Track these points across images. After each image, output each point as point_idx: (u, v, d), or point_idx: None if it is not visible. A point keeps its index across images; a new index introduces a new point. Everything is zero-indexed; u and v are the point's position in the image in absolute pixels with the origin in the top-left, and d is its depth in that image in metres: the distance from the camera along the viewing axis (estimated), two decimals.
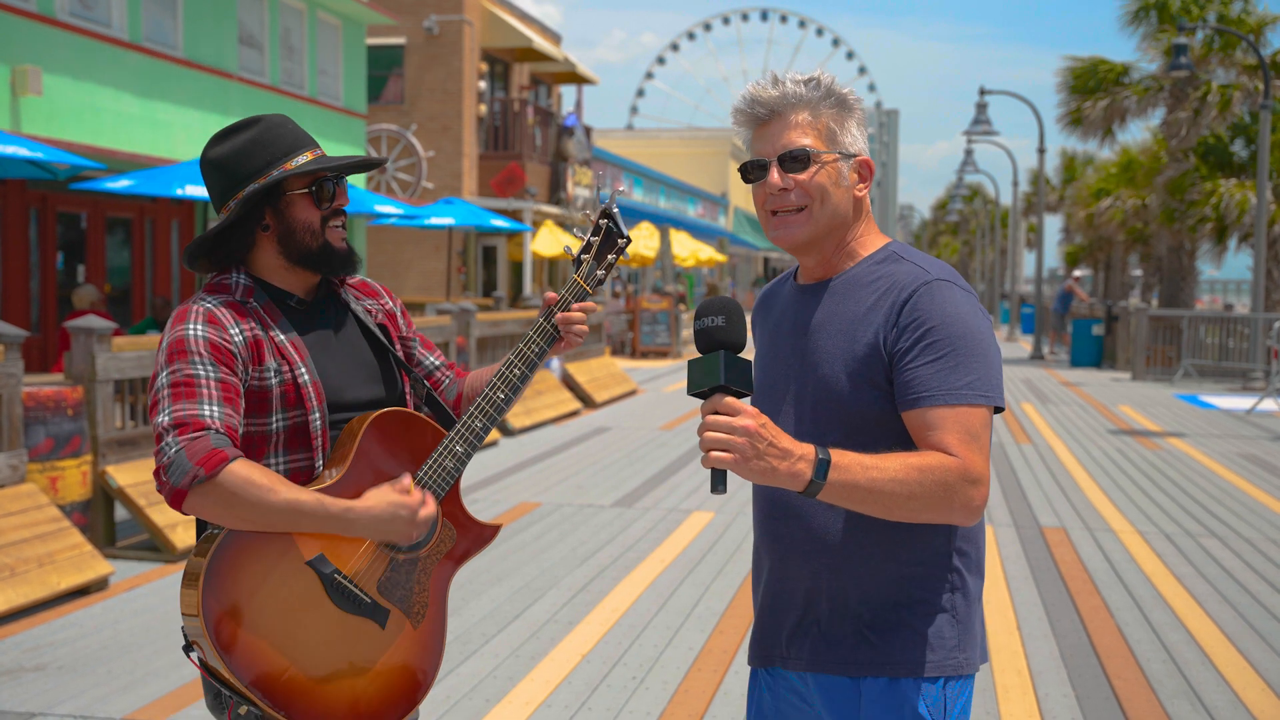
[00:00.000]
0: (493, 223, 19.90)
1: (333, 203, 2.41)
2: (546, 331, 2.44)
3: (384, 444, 2.35)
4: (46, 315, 14.05)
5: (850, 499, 1.99)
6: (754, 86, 2.22)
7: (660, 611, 6.06)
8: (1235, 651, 5.55)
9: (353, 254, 2.45)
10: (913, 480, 1.98)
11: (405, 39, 26.00)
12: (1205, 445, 12.46)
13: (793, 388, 2.22)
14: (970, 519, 2.04)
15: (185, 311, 2.31)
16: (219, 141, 2.40)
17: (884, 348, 2.09)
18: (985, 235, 54.99)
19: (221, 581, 2.18)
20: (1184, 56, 20.06)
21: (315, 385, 2.35)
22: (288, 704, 2.21)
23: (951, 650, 2.14)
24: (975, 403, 2.04)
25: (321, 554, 2.25)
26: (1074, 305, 28.24)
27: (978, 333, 2.08)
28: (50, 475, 6.78)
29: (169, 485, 2.16)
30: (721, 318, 2.02)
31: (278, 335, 2.35)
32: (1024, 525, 8.29)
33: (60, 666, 5.17)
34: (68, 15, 13.65)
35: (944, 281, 2.12)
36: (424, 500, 2.28)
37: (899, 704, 2.12)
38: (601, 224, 2.50)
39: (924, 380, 2.05)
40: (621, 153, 43.63)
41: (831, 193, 2.17)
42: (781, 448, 1.94)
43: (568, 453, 11.44)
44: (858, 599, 2.14)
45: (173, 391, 2.21)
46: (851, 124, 2.20)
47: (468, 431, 2.38)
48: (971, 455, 2.01)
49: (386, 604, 2.32)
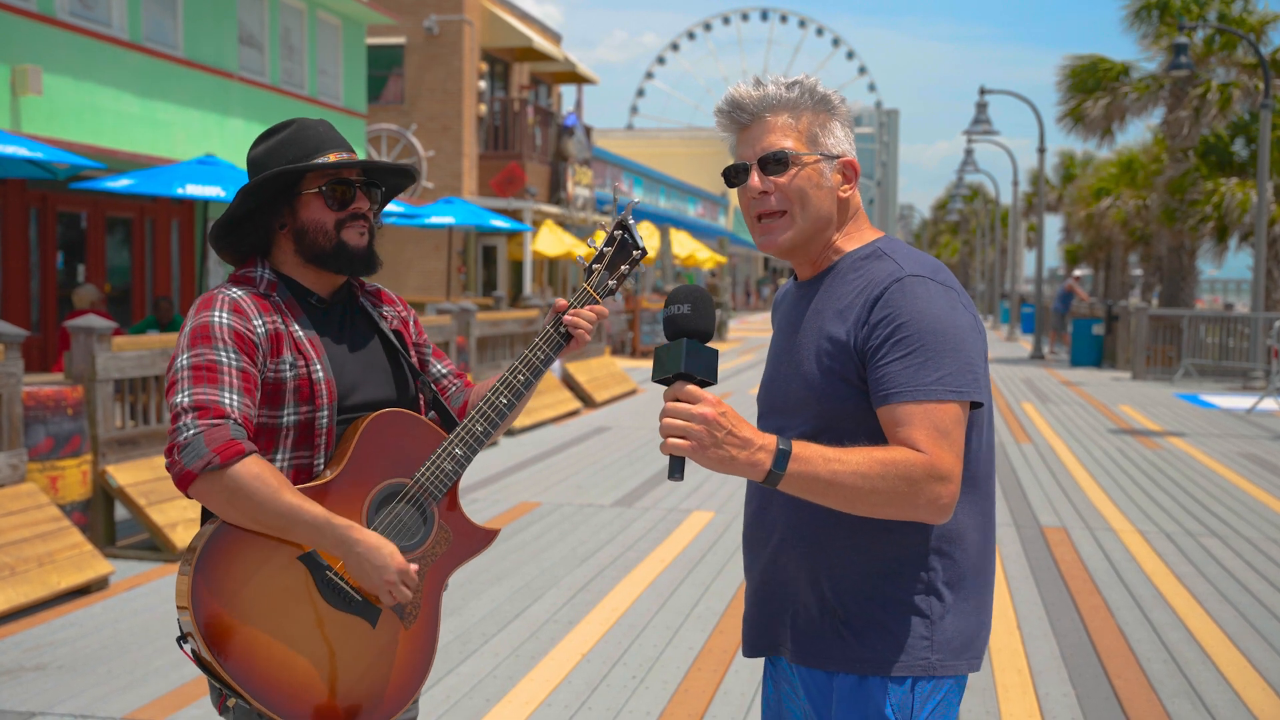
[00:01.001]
0: (493, 223, 19.90)
1: (348, 205, 2.41)
2: (553, 339, 2.45)
3: (382, 443, 2.35)
4: (47, 315, 14.05)
5: (811, 491, 1.99)
6: (735, 89, 2.21)
7: (660, 611, 6.06)
8: (1236, 651, 5.54)
9: (371, 256, 2.45)
10: (875, 474, 1.97)
11: (405, 39, 26.00)
12: (1205, 445, 12.45)
13: (780, 384, 2.23)
14: (937, 517, 2.02)
15: (211, 298, 2.33)
16: (258, 143, 2.45)
17: (854, 345, 2.09)
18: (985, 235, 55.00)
19: (213, 573, 2.18)
20: (1184, 55, 20.05)
21: (329, 383, 2.36)
22: (275, 698, 2.21)
23: (922, 651, 2.11)
24: (945, 399, 2.02)
25: (314, 550, 2.26)
26: (1074, 305, 28.23)
27: (950, 328, 2.06)
28: (50, 475, 6.77)
29: (180, 465, 2.18)
30: (688, 305, 2.03)
31: (297, 331, 2.37)
32: (1024, 525, 8.28)
33: (60, 666, 5.17)
34: (68, 15, 13.65)
35: (917, 277, 2.10)
36: (418, 588, 2.33)
37: (864, 702, 2.11)
38: (616, 234, 2.50)
39: (893, 376, 2.04)
40: (622, 152, 43.64)
41: (812, 195, 2.17)
42: (741, 437, 1.95)
43: (568, 452, 11.44)
44: (833, 592, 2.14)
45: (194, 374, 2.24)
46: (835, 125, 2.20)
47: (468, 435, 2.38)
48: (939, 451, 1.99)
49: (378, 603, 2.32)
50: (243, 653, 2.18)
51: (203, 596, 2.16)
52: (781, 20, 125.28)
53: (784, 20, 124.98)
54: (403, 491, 2.35)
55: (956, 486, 2.01)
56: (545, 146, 28.49)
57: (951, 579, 2.15)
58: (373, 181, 2.47)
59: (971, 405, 2.07)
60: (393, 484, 2.35)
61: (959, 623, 2.15)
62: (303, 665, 2.24)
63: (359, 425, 2.34)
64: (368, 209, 2.44)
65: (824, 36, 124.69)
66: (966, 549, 2.16)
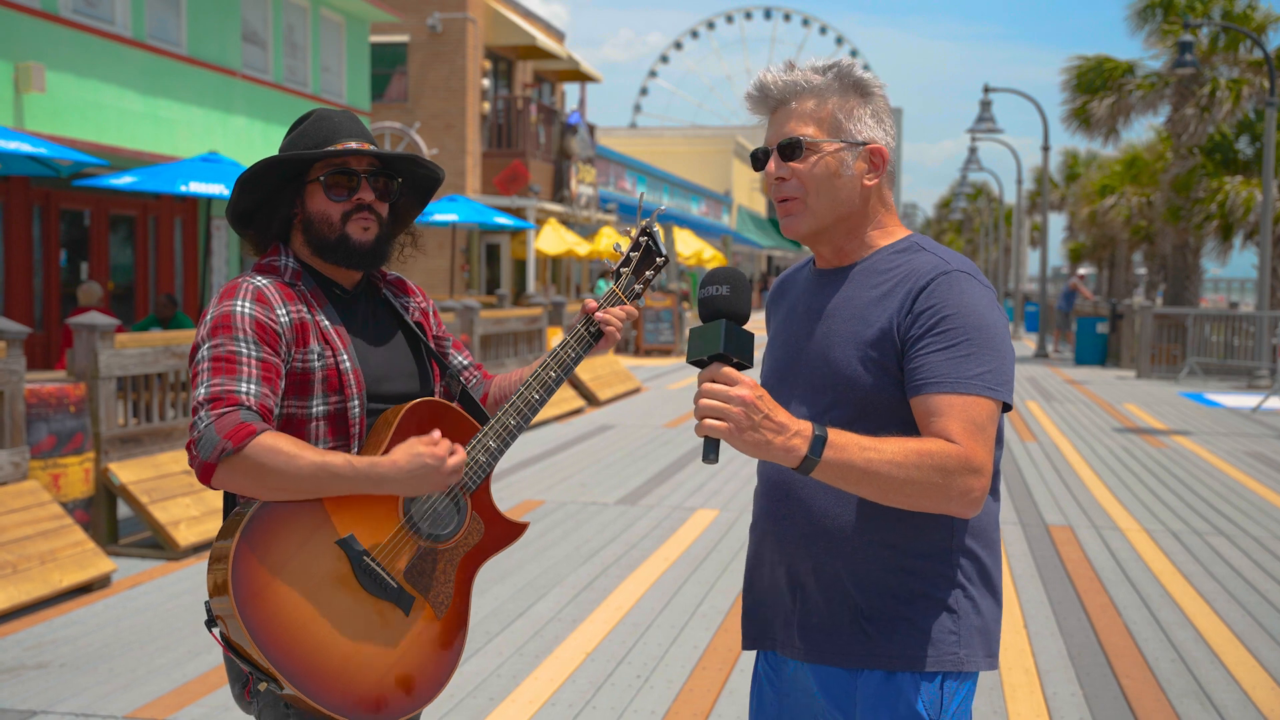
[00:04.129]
0: (496, 220, 19.88)
1: (350, 196, 2.39)
2: (584, 339, 2.47)
3: (418, 433, 2.34)
4: (50, 312, 14.04)
5: (845, 479, 1.96)
6: (765, 73, 2.20)
7: (665, 609, 6.04)
8: (1244, 650, 5.51)
9: (377, 251, 2.43)
10: (910, 464, 1.94)
11: (409, 36, 25.99)
12: (1211, 443, 12.42)
13: (803, 371, 2.20)
14: (968, 510, 2.00)
15: (235, 287, 2.32)
16: (288, 134, 2.46)
17: (896, 333, 2.07)
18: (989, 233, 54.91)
19: (252, 555, 2.17)
20: (1189, 53, 20.01)
21: (356, 373, 2.36)
22: (307, 681, 2.20)
23: (951, 646, 2.10)
24: (984, 394, 2.01)
25: (352, 534, 2.25)
26: (1079, 303, 28.19)
27: (993, 326, 2.06)
28: (52, 472, 6.76)
29: (198, 459, 2.18)
30: (726, 287, 2.01)
31: (323, 320, 2.36)
32: (1030, 523, 8.25)
33: (62, 664, 5.15)
34: (71, 12, 13.64)
35: (963, 273, 2.09)
36: (453, 449, 2.25)
37: (894, 699, 2.09)
38: (641, 240, 2.55)
39: (934, 366, 2.02)
40: (625, 151, 43.63)
41: (830, 184, 2.14)
42: (778, 421, 1.93)
43: (571, 450, 11.42)
44: (855, 587, 2.12)
45: (213, 366, 2.23)
46: (864, 111, 2.16)
47: (501, 428, 2.39)
48: (974, 445, 1.98)
49: (412, 591, 2.32)
50: (279, 637, 2.17)
51: (241, 581, 2.15)
52: (785, 19, 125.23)
53: (787, 19, 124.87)
54: None
55: (988, 481, 2.00)
56: (549, 145, 28.48)
57: (977, 574, 2.14)
58: (386, 174, 2.44)
59: (1003, 408, 2.07)
60: None
61: (984, 618, 2.14)
62: (338, 650, 2.23)
63: (396, 413, 2.34)
64: (372, 200, 2.41)
65: (827, 35, 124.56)
66: (988, 543, 2.16)
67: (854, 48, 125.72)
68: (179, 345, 7.78)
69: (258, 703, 2.29)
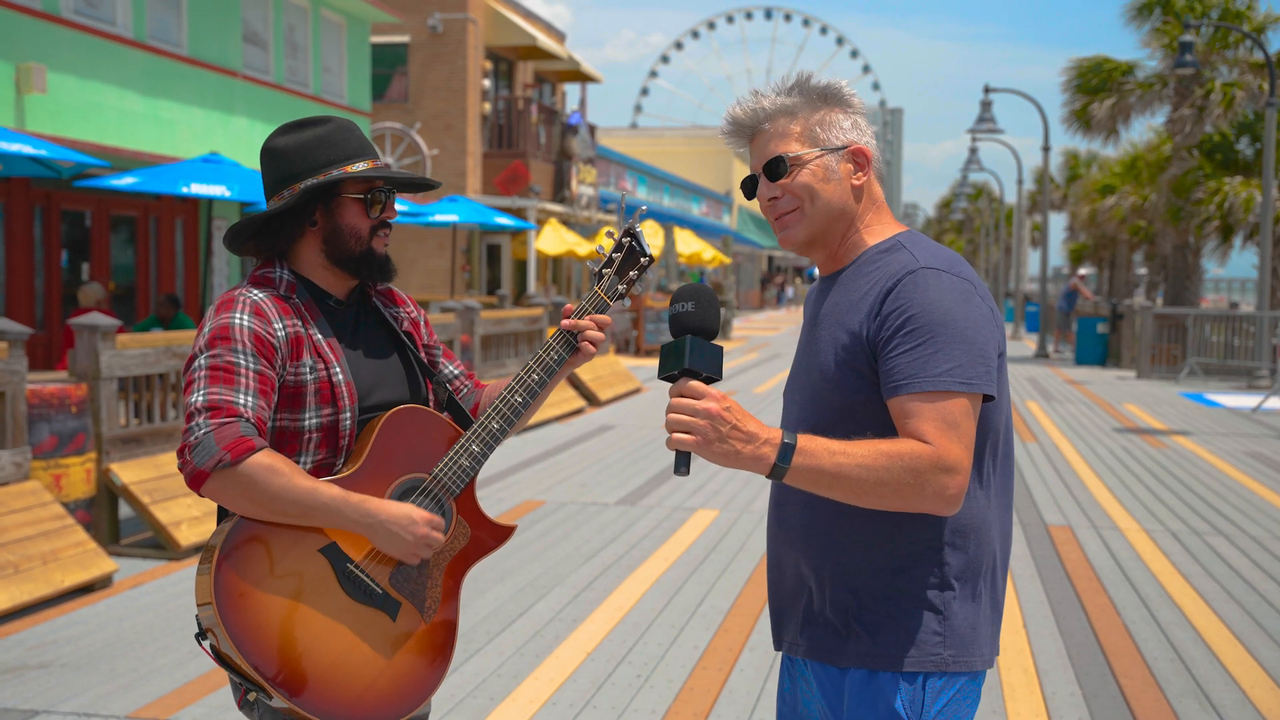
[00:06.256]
0: (497, 221, 19.88)
1: (382, 213, 2.45)
2: (566, 340, 2.48)
3: (400, 439, 2.37)
4: (51, 313, 14.05)
5: (816, 484, 2.00)
6: (732, 109, 2.25)
7: (665, 610, 6.05)
8: (1243, 650, 5.52)
9: (390, 263, 2.49)
10: (879, 466, 1.97)
11: (409, 37, 25.99)
12: (1211, 443, 12.43)
13: (801, 377, 2.25)
14: (946, 509, 2.01)
15: (232, 300, 2.33)
16: (287, 132, 2.44)
17: (867, 337, 2.09)
18: (990, 234, 54.90)
19: (234, 566, 2.19)
20: (1189, 54, 20.01)
21: (349, 385, 2.38)
22: (297, 690, 2.21)
23: (934, 647, 2.10)
24: (954, 390, 2.01)
25: (335, 542, 2.27)
26: (1079, 303, 28.19)
27: (961, 319, 2.04)
28: (54, 473, 6.77)
29: (191, 465, 2.18)
30: (692, 303, 2.07)
31: (316, 334, 2.38)
32: (1030, 523, 8.26)
33: (64, 664, 5.16)
34: (72, 13, 13.65)
35: (931, 270, 2.09)
36: (439, 523, 2.32)
37: (874, 697, 2.11)
38: (624, 241, 2.55)
39: (903, 368, 2.04)
40: (626, 151, 43.61)
41: (820, 189, 2.18)
42: (746, 431, 1.97)
43: (572, 451, 11.43)
44: (846, 588, 2.15)
45: (210, 374, 2.25)
46: (837, 116, 2.19)
47: (484, 432, 2.40)
48: (947, 443, 1.99)
49: (398, 596, 2.33)
50: (265, 647, 2.19)
51: (224, 591, 2.16)
52: (785, 19, 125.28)
53: (787, 19, 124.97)
54: (421, 486, 2.37)
55: (965, 478, 2.00)
56: (549, 145, 28.48)
57: (964, 573, 2.14)
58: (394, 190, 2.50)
59: (984, 398, 2.07)
60: (411, 479, 2.36)
61: (972, 618, 2.14)
62: (324, 658, 2.24)
63: (377, 421, 2.36)
64: (393, 216, 2.49)
65: (828, 35, 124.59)
66: (981, 542, 2.15)
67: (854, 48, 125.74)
68: (180, 346, 7.79)
69: (251, 711, 2.32)
